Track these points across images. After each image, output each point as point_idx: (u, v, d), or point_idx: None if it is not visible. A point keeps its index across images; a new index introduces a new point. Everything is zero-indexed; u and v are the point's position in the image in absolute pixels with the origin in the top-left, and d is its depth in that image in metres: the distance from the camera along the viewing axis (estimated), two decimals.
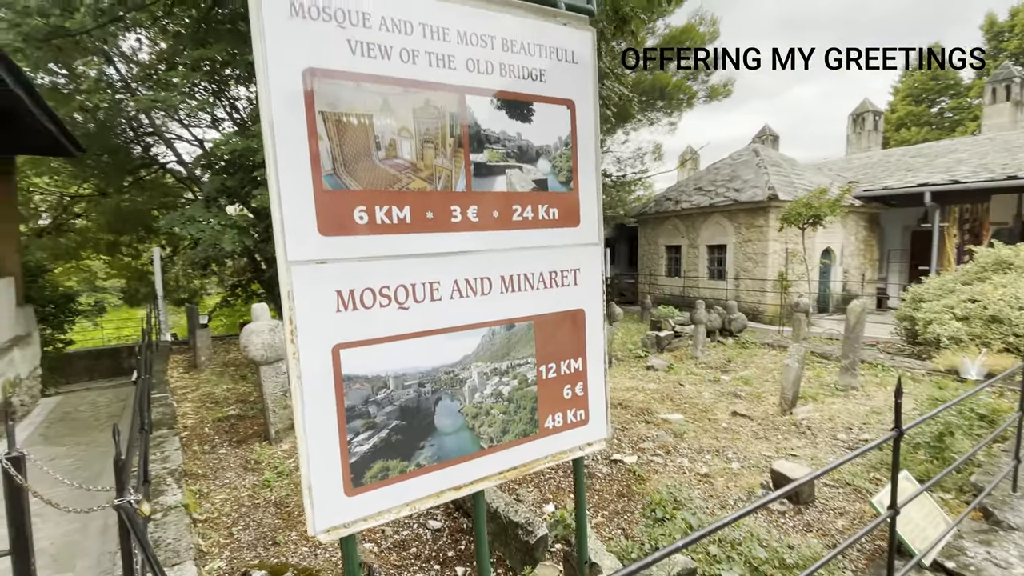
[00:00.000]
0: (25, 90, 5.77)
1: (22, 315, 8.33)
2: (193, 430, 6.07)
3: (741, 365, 8.85)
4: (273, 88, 0.99)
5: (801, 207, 10.73)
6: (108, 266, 19.63)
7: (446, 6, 1.17)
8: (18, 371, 7.62)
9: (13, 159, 8.70)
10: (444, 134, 1.19)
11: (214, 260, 11.97)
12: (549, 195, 1.39)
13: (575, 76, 1.40)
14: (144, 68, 13.98)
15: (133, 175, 15.65)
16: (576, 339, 1.46)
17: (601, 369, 1.52)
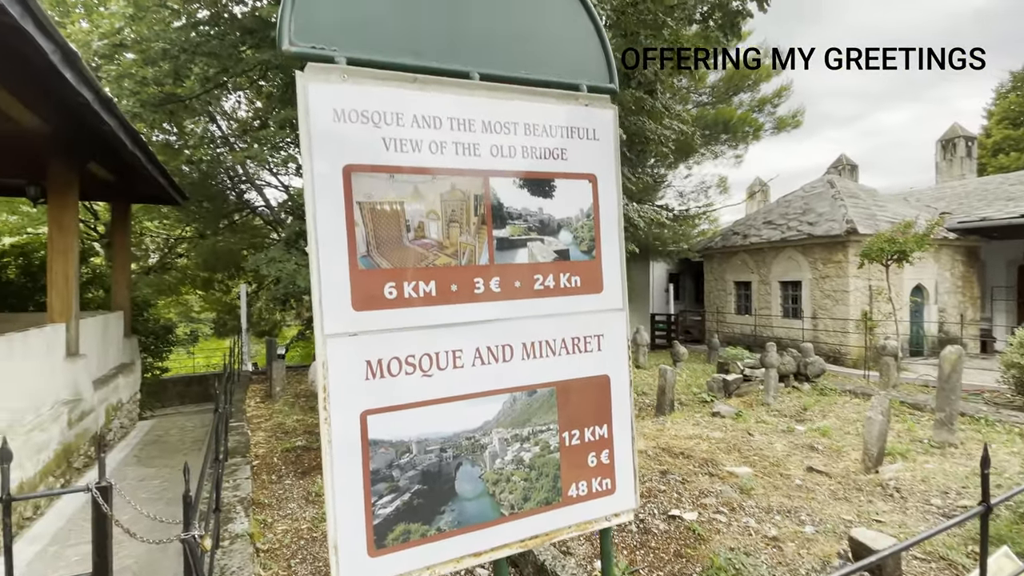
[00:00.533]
0: (141, 150, 6.66)
1: (128, 345, 9.32)
2: (263, 459, 6.44)
3: (819, 414, 8.18)
4: (317, 183, 1.13)
5: (883, 242, 9.97)
6: (202, 300, 21.65)
7: (472, 101, 1.29)
8: (120, 396, 8.47)
9: (129, 207, 9.95)
10: (469, 214, 1.28)
11: (292, 296, 12.94)
12: (571, 264, 1.44)
13: (597, 151, 1.46)
14: (242, 124, 15.70)
15: (228, 219, 17.40)
16: (601, 405, 1.46)
17: (628, 437, 1.50)
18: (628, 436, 1.51)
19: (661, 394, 8.76)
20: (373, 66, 1.19)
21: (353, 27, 1.18)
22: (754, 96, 18.93)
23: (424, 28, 1.26)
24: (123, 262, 9.59)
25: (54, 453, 5.53)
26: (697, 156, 19.61)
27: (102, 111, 5.05)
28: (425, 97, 1.25)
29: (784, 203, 17.11)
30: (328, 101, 1.15)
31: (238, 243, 17.39)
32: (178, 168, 14.26)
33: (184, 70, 9.24)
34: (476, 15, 1.31)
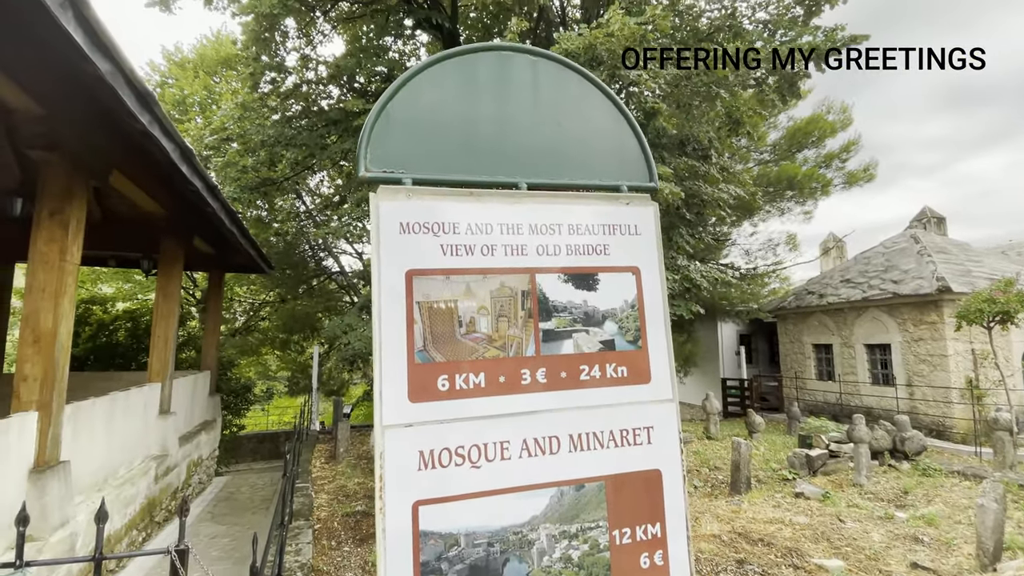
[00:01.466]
0: (237, 228, 7.48)
1: (212, 403, 10.01)
2: (324, 523, 6.53)
3: (922, 499, 7.23)
4: (383, 287, 1.27)
5: (981, 303, 9.05)
6: (279, 359, 23.04)
7: (520, 207, 1.41)
8: (201, 452, 9.01)
9: (223, 275, 11.03)
10: (516, 308, 1.36)
11: (360, 357, 13.54)
12: (617, 354, 1.46)
13: (639, 245, 1.52)
14: (324, 199, 17.30)
15: (307, 284, 18.81)
16: (653, 502, 1.41)
17: (684, 537, 1.43)
18: (683, 535, 1.43)
19: (735, 470, 8.13)
20: (434, 184, 1.35)
21: (418, 154, 1.36)
22: (819, 152, 18.45)
23: (478, 149, 1.42)
24: (214, 325, 10.51)
25: (140, 507, 5.91)
26: (762, 213, 19.10)
27: (208, 196, 5.79)
28: (479, 207, 1.39)
29: (863, 260, 16.10)
30: (396, 216, 1.31)
31: (314, 306, 18.62)
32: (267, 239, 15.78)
33: (278, 157, 10.45)
34: (523, 133, 1.46)
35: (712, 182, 10.94)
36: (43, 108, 3.67)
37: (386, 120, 1.34)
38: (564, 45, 8.11)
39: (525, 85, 1.50)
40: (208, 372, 9.82)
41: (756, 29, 11.66)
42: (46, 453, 3.88)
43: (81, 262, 4.18)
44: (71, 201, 4.15)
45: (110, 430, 5.45)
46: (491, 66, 1.47)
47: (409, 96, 1.37)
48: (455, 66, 1.44)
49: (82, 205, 4.30)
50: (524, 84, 1.50)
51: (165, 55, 18.40)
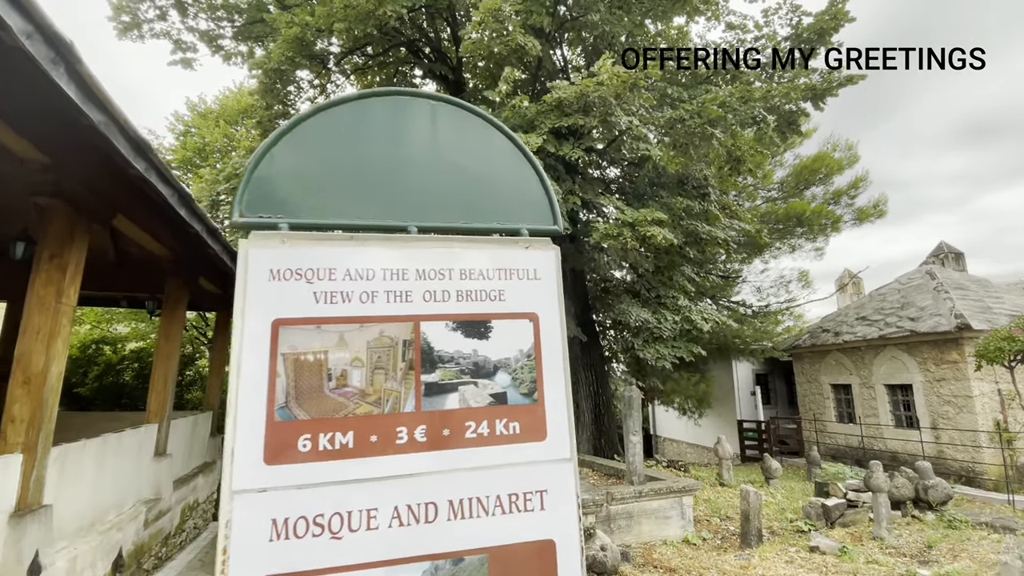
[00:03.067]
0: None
1: (212, 445, 9.88)
2: None
3: (947, 554, 6.69)
4: (246, 337, 1.20)
5: (1001, 340, 8.65)
6: None
7: (408, 252, 1.36)
8: (198, 496, 8.82)
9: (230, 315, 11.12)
10: (395, 359, 1.28)
11: None
12: (509, 408, 1.36)
13: (538, 291, 1.44)
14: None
15: None
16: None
17: None
18: None
19: (745, 521, 7.67)
20: (315, 228, 1.31)
21: (301, 199, 1.32)
22: (827, 189, 18.34)
23: (366, 193, 1.38)
24: (219, 365, 10.51)
25: (127, 554, 5.73)
26: (772, 250, 18.87)
27: (208, 239, 5.91)
28: (359, 251, 1.33)
29: (879, 297, 15.69)
30: (265, 263, 1.26)
31: None
32: None
33: None
34: (416, 177, 1.43)
35: (712, 220, 10.88)
36: (48, 157, 3.83)
37: (269, 164, 1.31)
38: (557, 94, 8.31)
39: (422, 129, 1.47)
40: (210, 412, 9.75)
41: (754, 71, 11.87)
42: (28, 496, 3.81)
43: (94, 303, 4.24)
44: (71, 244, 4.25)
45: (100, 473, 5.37)
46: (386, 111, 1.45)
47: (297, 140, 1.35)
48: (349, 110, 1.42)
49: (82, 248, 4.40)
50: (421, 128, 1.47)
51: (189, 106, 19.38)
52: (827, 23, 10.96)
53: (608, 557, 5.77)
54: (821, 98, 10.79)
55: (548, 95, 8.30)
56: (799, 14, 11.22)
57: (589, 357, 12.16)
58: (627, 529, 7.41)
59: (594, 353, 12.31)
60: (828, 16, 10.85)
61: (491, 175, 1.50)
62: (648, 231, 8.31)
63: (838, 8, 10.62)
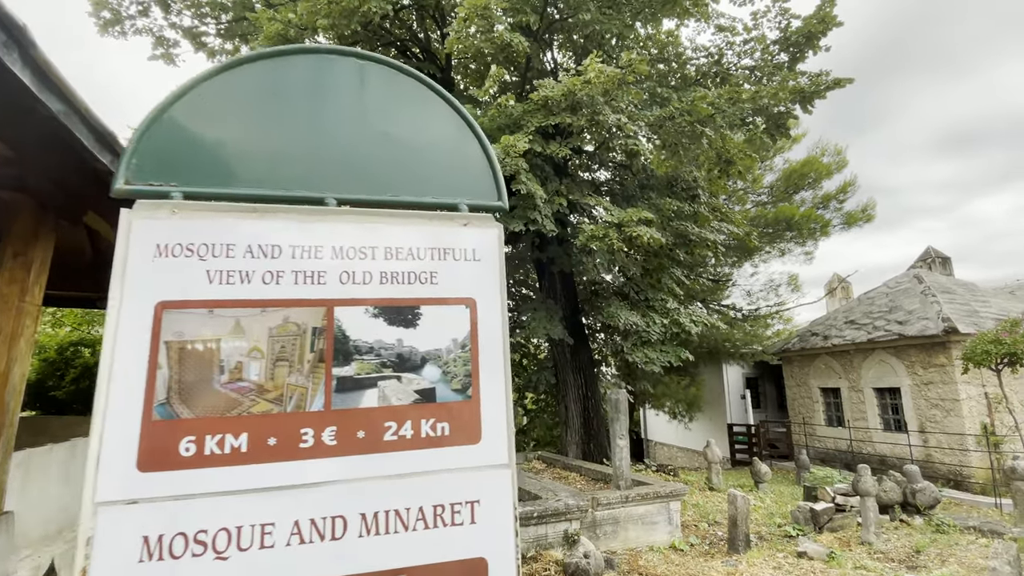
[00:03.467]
0: None
1: None
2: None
3: (935, 559, 6.59)
4: (123, 321, 1.04)
5: (987, 344, 8.62)
6: None
7: (322, 227, 1.19)
8: None
9: None
10: (302, 350, 1.12)
11: None
12: (437, 407, 1.19)
13: (477, 273, 1.29)
14: None
15: None
16: None
17: None
18: None
19: (733, 526, 7.53)
20: (214, 198, 1.15)
21: (199, 164, 1.16)
22: (816, 193, 18.37)
23: (277, 160, 1.22)
24: None
25: None
26: (762, 254, 18.86)
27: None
28: (264, 225, 1.17)
29: (867, 300, 15.71)
30: (151, 237, 1.10)
31: None
32: None
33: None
34: (338, 144, 1.26)
35: (703, 222, 10.81)
36: (9, 149, 3.63)
37: (163, 126, 1.15)
38: (543, 92, 8.20)
39: (348, 91, 1.31)
40: None
41: (743, 74, 11.84)
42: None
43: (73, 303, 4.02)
44: (36, 241, 4.06)
45: (68, 478, 5.14)
46: (307, 70, 1.28)
47: (198, 100, 1.18)
48: (263, 69, 1.25)
49: (48, 245, 4.20)
50: (347, 90, 1.31)
51: None
52: (815, 27, 10.95)
53: (591, 564, 5.61)
54: (809, 101, 10.77)
55: (535, 93, 8.18)
56: (788, 17, 11.21)
57: (578, 360, 12.02)
58: (613, 535, 7.25)
59: (583, 356, 12.17)
60: (816, 20, 10.85)
61: (427, 144, 1.34)
62: (634, 231, 8.20)
63: (826, 12, 10.62)
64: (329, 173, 1.24)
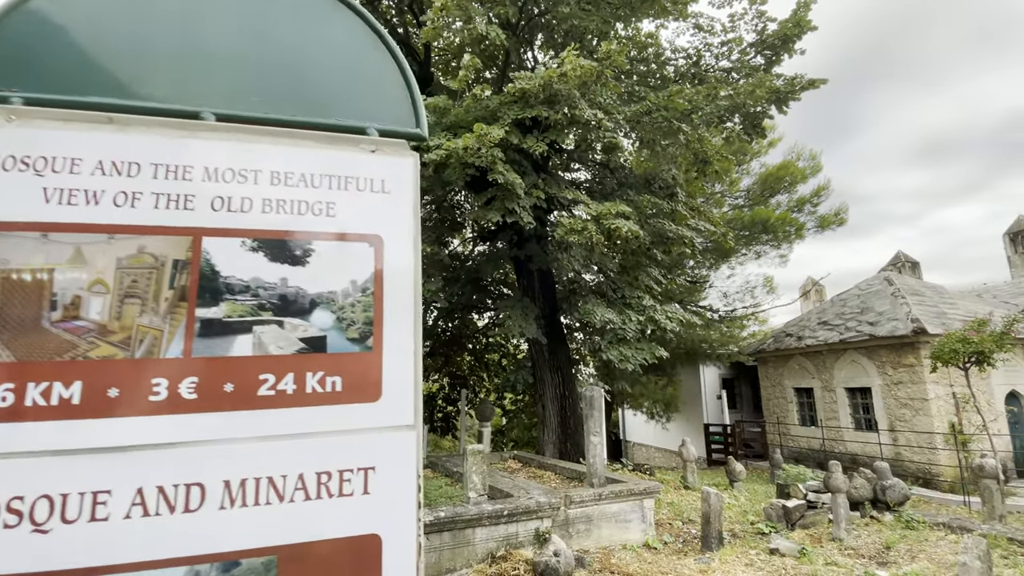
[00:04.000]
0: None
1: None
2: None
3: (905, 555, 6.62)
4: None
5: (955, 343, 8.75)
6: None
7: (195, 144, 1.01)
8: None
9: None
10: (159, 286, 0.94)
11: None
12: (329, 358, 1.01)
13: (385, 207, 1.11)
14: None
15: None
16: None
17: None
18: None
19: (706, 524, 7.47)
20: (62, 106, 0.97)
21: (44, 65, 0.98)
22: (791, 197, 18.66)
23: (147, 65, 1.04)
24: None
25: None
26: (739, 256, 19.07)
27: None
28: (122, 139, 0.98)
29: (839, 302, 15.95)
30: None
31: None
32: None
33: None
34: (223, 49, 1.08)
35: (680, 220, 10.81)
36: None
37: (5, 22, 0.97)
38: (520, 84, 8.07)
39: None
40: None
41: (720, 75, 11.92)
42: None
43: None
44: None
45: None
46: None
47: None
48: None
49: None
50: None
51: None
52: (791, 30, 11.07)
53: (561, 563, 5.47)
54: (785, 102, 10.86)
55: (510, 85, 8.05)
56: (764, 20, 11.31)
57: (556, 359, 11.90)
58: (586, 534, 7.12)
59: (561, 355, 12.06)
60: (791, 23, 10.97)
61: (333, 60, 1.17)
62: (613, 224, 8.11)
63: (800, 16, 10.74)
64: (209, 85, 1.07)
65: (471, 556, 5.89)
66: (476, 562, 5.91)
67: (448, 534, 5.78)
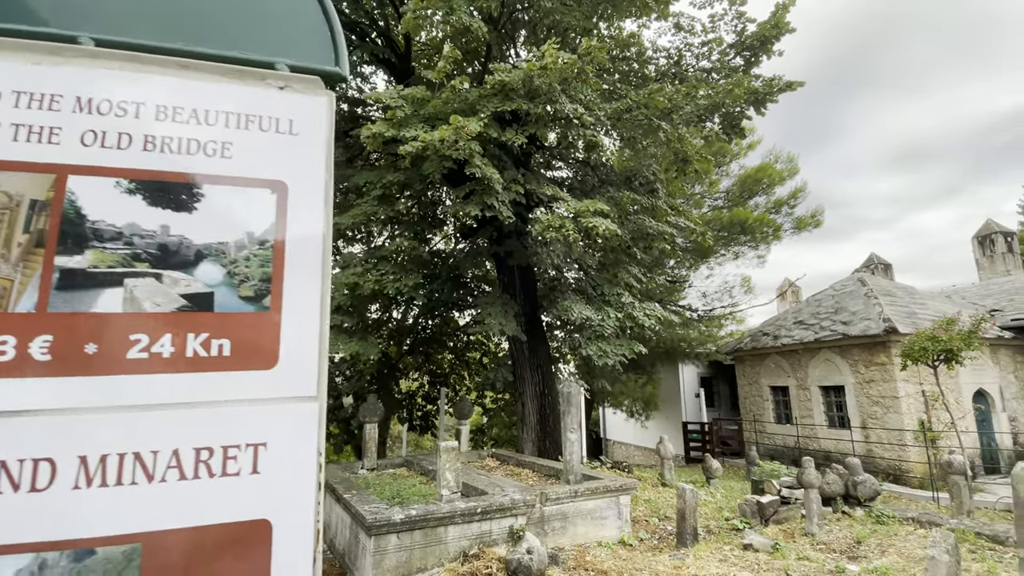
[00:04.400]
0: None
1: None
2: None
3: (876, 549, 6.69)
4: None
5: (925, 341, 8.91)
6: None
7: (63, 72, 0.88)
8: None
9: None
10: (11, 229, 0.81)
11: None
12: (214, 318, 0.89)
13: (292, 150, 0.99)
14: None
15: None
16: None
17: None
18: None
19: (681, 520, 7.47)
20: None
21: None
22: (769, 198, 18.92)
23: None
24: None
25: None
26: (718, 256, 19.27)
27: None
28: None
29: (814, 302, 16.20)
30: None
31: None
32: None
33: None
34: None
35: (660, 216, 10.83)
36: None
37: None
38: (499, 76, 7.97)
39: None
40: None
41: (700, 75, 11.98)
42: None
43: None
44: None
45: None
46: None
47: None
48: None
49: None
50: None
51: None
52: (769, 31, 11.17)
53: (534, 561, 5.38)
54: (763, 103, 10.95)
55: (490, 77, 7.94)
56: (744, 21, 11.40)
57: (536, 357, 11.83)
58: (562, 531, 7.05)
59: (541, 353, 11.99)
60: (770, 25, 11.07)
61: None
62: (590, 222, 8.06)
63: (779, 17, 10.84)
64: (90, 6, 0.93)
65: (443, 555, 5.77)
66: (448, 561, 5.79)
67: (419, 532, 5.65)
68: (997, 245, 17.80)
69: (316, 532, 0.83)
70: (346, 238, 14.46)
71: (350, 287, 9.22)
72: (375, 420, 9.39)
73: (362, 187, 10.16)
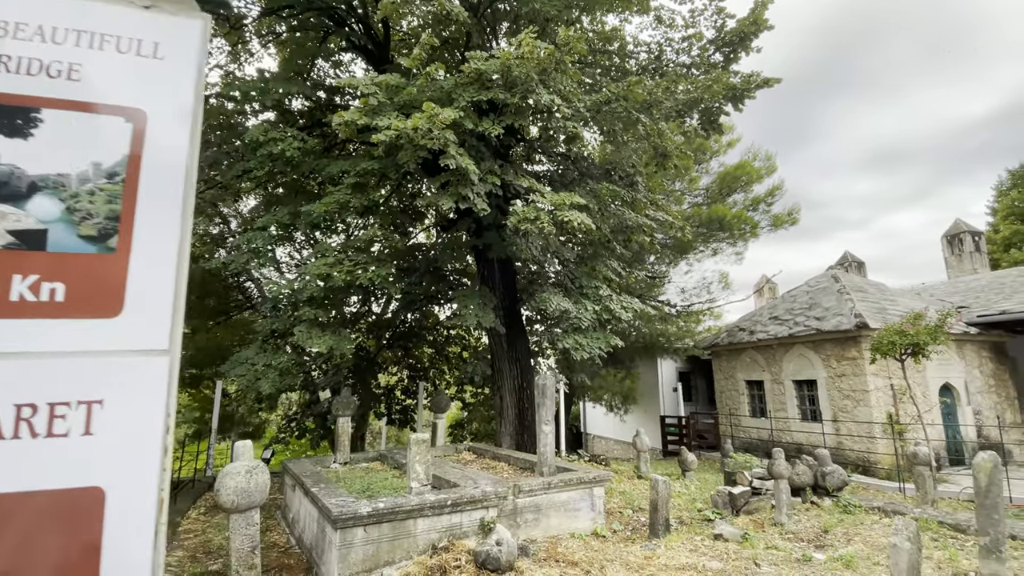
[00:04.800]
0: None
1: None
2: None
3: (842, 538, 6.79)
4: None
5: (893, 335, 9.08)
6: (192, 399, 20.93)
7: None
8: None
9: None
10: None
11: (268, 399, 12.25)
12: (48, 258, 0.78)
13: (154, 76, 0.88)
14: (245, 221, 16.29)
15: (225, 315, 17.40)
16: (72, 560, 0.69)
17: None
18: None
19: (654, 511, 7.50)
20: None
21: None
22: (747, 196, 19.13)
23: None
24: None
25: None
26: (697, 253, 19.44)
27: None
28: None
29: (789, 298, 16.43)
30: None
31: (229, 338, 17.11)
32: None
33: None
34: None
35: (640, 208, 10.84)
36: None
37: None
38: (475, 64, 7.84)
39: None
40: None
41: (680, 71, 12.00)
42: None
43: None
44: None
45: None
46: None
47: None
48: None
49: None
50: None
51: None
52: (748, 28, 11.23)
53: (503, 552, 5.32)
54: (740, 99, 11.00)
55: (466, 65, 7.81)
56: (723, 16, 11.44)
57: (515, 351, 11.76)
58: (535, 523, 7.01)
59: (520, 347, 11.92)
60: (749, 22, 11.12)
61: None
62: (566, 216, 8.00)
63: (758, 14, 10.90)
64: None
65: (412, 548, 5.68)
66: (417, 554, 5.70)
67: (387, 525, 5.55)
68: (965, 244, 18.27)
69: (160, 502, 0.73)
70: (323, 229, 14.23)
71: (323, 278, 9.03)
72: (348, 414, 9.23)
73: (337, 177, 9.96)
